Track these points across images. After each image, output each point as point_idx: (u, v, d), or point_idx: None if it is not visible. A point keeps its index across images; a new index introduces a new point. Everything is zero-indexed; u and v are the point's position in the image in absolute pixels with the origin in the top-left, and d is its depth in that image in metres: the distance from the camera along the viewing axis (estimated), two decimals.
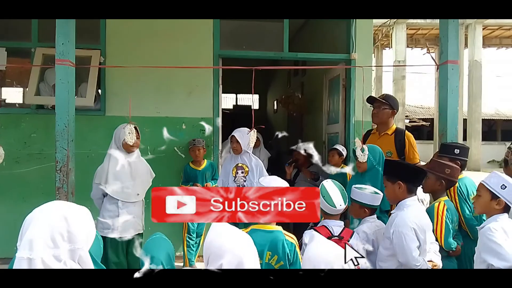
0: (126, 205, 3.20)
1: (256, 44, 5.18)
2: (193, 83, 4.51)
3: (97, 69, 4.26)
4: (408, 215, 2.28)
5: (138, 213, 3.29)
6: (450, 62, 3.05)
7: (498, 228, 2.07)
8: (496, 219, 2.14)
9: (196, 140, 4.28)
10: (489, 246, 2.04)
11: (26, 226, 1.34)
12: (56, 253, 1.31)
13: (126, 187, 3.17)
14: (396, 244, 2.25)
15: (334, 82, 5.21)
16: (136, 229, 3.28)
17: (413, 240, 2.23)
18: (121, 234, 3.16)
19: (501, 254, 1.99)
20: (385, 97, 3.71)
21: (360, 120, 4.59)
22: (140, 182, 3.27)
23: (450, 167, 2.70)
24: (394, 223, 2.28)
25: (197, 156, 4.27)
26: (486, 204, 2.18)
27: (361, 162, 3.03)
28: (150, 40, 4.39)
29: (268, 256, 2.12)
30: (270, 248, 2.13)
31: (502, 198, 2.13)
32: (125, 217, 3.18)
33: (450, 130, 3.06)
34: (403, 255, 2.23)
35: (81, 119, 3.84)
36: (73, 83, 2.94)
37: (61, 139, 2.85)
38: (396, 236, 2.24)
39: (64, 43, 2.85)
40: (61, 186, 2.85)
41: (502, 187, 2.14)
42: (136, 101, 4.18)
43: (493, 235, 2.04)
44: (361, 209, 2.61)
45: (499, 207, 2.15)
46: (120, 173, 3.16)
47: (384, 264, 2.33)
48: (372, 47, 5.04)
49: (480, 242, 2.14)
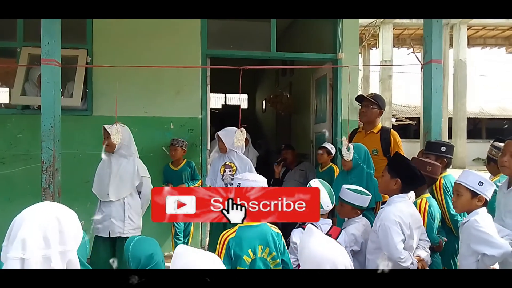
0: (103, 204, 3.24)
1: (244, 44, 5.20)
2: (181, 83, 4.50)
3: (84, 68, 4.22)
4: (394, 209, 2.35)
5: (115, 214, 3.20)
6: (434, 61, 3.11)
7: (482, 219, 2.14)
8: (478, 212, 2.20)
9: (174, 140, 4.27)
10: (480, 237, 2.10)
11: (16, 227, 1.33)
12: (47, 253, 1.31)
13: (101, 186, 3.23)
14: (381, 237, 2.32)
15: (321, 81, 5.26)
16: (115, 232, 3.20)
17: (397, 233, 2.29)
18: (100, 233, 3.19)
19: (493, 243, 2.06)
20: (374, 97, 3.75)
21: (347, 119, 4.64)
22: (116, 183, 3.21)
23: (431, 165, 2.76)
24: (380, 217, 2.36)
25: (173, 156, 4.26)
26: (468, 202, 2.24)
27: (347, 160, 3.08)
28: (137, 39, 4.37)
29: (260, 250, 2.15)
30: (261, 241, 2.16)
31: (482, 195, 2.20)
32: (102, 217, 3.20)
33: (434, 128, 3.12)
34: (387, 247, 2.29)
35: (68, 119, 3.81)
36: (59, 82, 2.92)
37: (47, 139, 2.83)
38: (381, 229, 2.32)
39: (49, 42, 2.83)
40: (47, 187, 2.83)
41: (480, 184, 2.21)
42: (123, 101, 4.16)
43: (481, 225, 2.11)
44: (353, 211, 2.66)
45: (481, 203, 2.22)
46: (100, 172, 3.25)
47: (371, 257, 2.42)
48: (358, 46, 5.10)
49: (466, 236, 2.19)
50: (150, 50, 4.40)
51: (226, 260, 2.09)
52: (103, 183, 3.21)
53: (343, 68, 4.61)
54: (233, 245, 2.11)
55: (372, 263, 2.40)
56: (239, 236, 2.13)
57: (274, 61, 6.65)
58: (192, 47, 4.50)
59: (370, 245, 2.45)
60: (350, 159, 3.04)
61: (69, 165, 3.77)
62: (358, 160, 3.06)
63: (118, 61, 4.12)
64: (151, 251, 1.86)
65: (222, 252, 2.11)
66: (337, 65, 4.70)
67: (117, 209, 3.23)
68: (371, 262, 2.41)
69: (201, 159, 4.55)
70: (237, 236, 2.13)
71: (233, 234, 2.15)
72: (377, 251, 2.38)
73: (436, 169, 2.74)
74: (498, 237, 2.10)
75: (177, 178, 4.28)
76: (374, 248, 2.41)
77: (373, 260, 2.40)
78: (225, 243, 2.12)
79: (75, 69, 4.18)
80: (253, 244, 2.13)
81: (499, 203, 2.55)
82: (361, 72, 15.90)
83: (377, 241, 2.38)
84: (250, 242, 2.13)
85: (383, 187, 2.52)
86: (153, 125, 4.45)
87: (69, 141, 4.07)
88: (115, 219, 3.20)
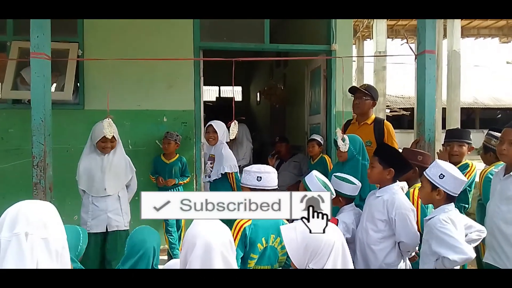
0: (96, 200, 3.17)
1: (237, 36, 5.15)
2: (174, 76, 4.47)
3: (75, 62, 4.17)
4: (405, 198, 2.40)
5: (111, 208, 3.19)
6: (427, 52, 3.10)
7: (448, 220, 2.06)
8: (444, 209, 2.13)
9: (169, 133, 4.23)
10: (442, 239, 2.02)
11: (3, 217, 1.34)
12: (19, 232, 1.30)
13: (94, 182, 3.15)
14: (400, 226, 2.32)
15: (315, 73, 5.24)
16: (112, 226, 3.19)
17: (414, 221, 2.34)
18: (93, 230, 3.12)
19: (456, 247, 1.98)
20: (367, 88, 3.74)
21: (341, 111, 4.63)
22: (111, 177, 3.20)
23: (422, 154, 2.77)
24: (395, 206, 2.34)
25: (166, 149, 4.22)
26: (428, 195, 2.19)
27: (342, 151, 3.07)
28: (129, 32, 4.32)
29: (272, 239, 2.22)
30: (273, 230, 2.22)
31: (441, 188, 2.13)
32: (96, 213, 3.15)
33: (427, 118, 3.12)
34: (409, 234, 2.32)
35: (59, 113, 3.78)
36: (49, 76, 2.89)
37: (38, 133, 2.80)
38: (400, 218, 2.32)
39: (39, 36, 2.79)
40: (38, 182, 2.80)
41: (441, 177, 2.12)
42: (116, 95, 4.13)
43: (445, 227, 2.03)
44: (336, 198, 2.66)
45: (440, 197, 2.14)
46: (90, 167, 3.16)
47: (378, 247, 2.38)
48: (352, 38, 5.08)
49: (429, 234, 2.13)
50: (143, 43, 4.36)
51: (240, 247, 2.14)
52: (95, 178, 3.16)
53: (337, 59, 4.59)
54: (249, 232, 2.16)
55: (381, 253, 2.38)
56: (255, 224, 2.18)
57: (267, 53, 6.60)
58: (185, 40, 4.46)
59: (374, 235, 2.39)
60: (346, 150, 3.03)
61: (61, 159, 3.75)
62: (353, 151, 3.05)
63: (110, 54, 4.07)
64: (145, 237, 1.92)
65: (237, 238, 2.14)
66: (331, 56, 4.68)
67: (113, 203, 3.21)
68: (381, 252, 2.38)
69: (194, 152, 4.53)
70: (253, 223, 2.18)
71: (249, 221, 2.18)
72: (383, 240, 2.38)
73: (427, 159, 2.75)
74: (462, 241, 2.02)
75: (167, 171, 4.24)
76: (380, 237, 2.38)
77: (382, 250, 2.38)
78: (240, 230, 2.16)
79: (66, 63, 4.13)
80: (267, 233, 2.20)
81: (494, 189, 2.56)
82: (355, 63, 15.90)
83: (384, 230, 2.38)
84: (264, 231, 2.20)
85: (376, 178, 2.50)
86: (146, 119, 4.42)
87: (61, 136, 4.04)
88: (112, 213, 3.19)
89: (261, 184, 2.24)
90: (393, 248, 2.40)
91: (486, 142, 3.32)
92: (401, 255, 2.43)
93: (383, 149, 2.63)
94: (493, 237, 2.46)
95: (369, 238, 2.42)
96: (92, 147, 3.20)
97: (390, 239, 2.39)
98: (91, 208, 3.16)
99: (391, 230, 2.38)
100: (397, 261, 2.41)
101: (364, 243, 2.44)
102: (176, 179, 4.23)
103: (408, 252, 2.42)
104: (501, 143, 2.44)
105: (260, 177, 2.24)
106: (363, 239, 2.45)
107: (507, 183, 2.43)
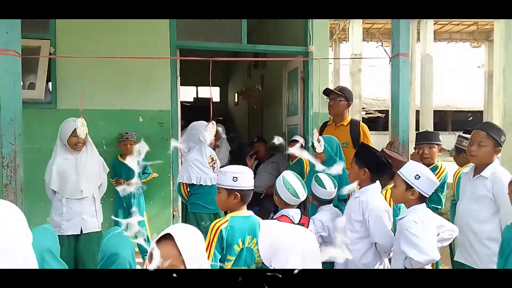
0: (71, 202, 3.08)
1: (215, 36, 5.13)
2: (149, 75, 4.39)
3: (47, 60, 4.05)
4: (380, 200, 2.42)
5: (86, 210, 3.13)
6: (401, 54, 3.16)
7: (417, 220, 2.10)
8: (415, 209, 2.17)
9: (128, 133, 4.16)
10: (409, 239, 2.06)
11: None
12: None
13: (69, 183, 3.06)
14: (374, 227, 2.34)
15: (292, 74, 5.27)
16: (87, 228, 3.12)
17: (388, 222, 2.35)
18: (66, 232, 3.04)
19: (421, 248, 2.03)
20: (341, 89, 3.81)
21: (318, 112, 4.67)
22: (85, 178, 3.12)
23: (392, 159, 2.79)
24: (369, 208, 2.36)
25: (128, 150, 4.13)
26: (402, 194, 2.22)
27: (318, 152, 3.10)
28: (104, 30, 4.22)
29: (249, 240, 2.21)
30: (249, 232, 2.22)
31: (416, 189, 2.16)
32: (70, 215, 3.07)
33: (402, 120, 3.17)
34: (383, 236, 2.33)
35: (31, 112, 3.66)
36: (19, 74, 2.78)
37: (7, 133, 2.69)
38: (374, 219, 2.34)
39: (8, 31, 2.68)
40: (9, 183, 2.70)
41: (416, 177, 2.16)
42: (89, 94, 4.03)
43: (413, 227, 2.07)
44: (312, 199, 2.75)
45: (414, 197, 2.18)
46: (63, 169, 3.06)
47: (354, 247, 2.40)
48: (328, 40, 5.13)
49: (399, 233, 2.17)
50: (117, 41, 4.27)
51: (217, 249, 2.14)
52: (70, 180, 3.07)
53: (313, 61, 4.63)
54: (225, 234, 2.15)
55: (357, 253, 2.40)
56: (231, 226, 2.17)
57: (245, 54, 6.61)
58: (160, 39, 4.39)
59: (351, 235, 2.42)
60: (322, 151, 3.06)
61: (32, 160, 3.63)
62: (330, 152, 3.09)
63: (83, 52, 3.97)
64: (118, 251, 1.82)
65: (214, 240, 2.14)
66: (308, 58, 4.71)
67: (89, 204, 3.15)
68: (357, 253, 2.41)
69: (171, 153, 4.47)
70: (229, 225, 2.17)
71: (226, 223, 2.17)
72: (359, 240, 2.41)
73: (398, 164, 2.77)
74: (428, 242, 2.06)
75: (127, 172, 4.14)
76: (357, 237, 2.41)
77: (358, 250, 2.41)
78: (217, 232, 2.15)
79: (37, 61, 4.00)
80: (243, 234, 2.19)
81: (464, 190, 2.63)
82: (331, 65, 16.09)
83: (360, 230, 2.40)
84: (241, 232, 2.19)
85: (352, 178, 2.54)
86: (121, 119, 4.33)
87: (32, 136, 3.91)
88: (87, 216, 3.12)
89: (237, 184, 2.22)
90: (369, 249, 2.42)
91: (458, 144, 3.41)
92: (379, 256, 2.46)
93: (360, 150, 2.66)
94: (464, 236, 2.53)
95: (348, 238, 2.44)
96: (63, 146, 3.11)
97: (366, 240, 2.42)
98: (64, 210, 3.06)
99: (366, 231, 2.41)
100: (374, 261, 2.43)
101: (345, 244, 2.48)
102: (139, 178, 4.15)
103: (386, 253, 2.45)
104: (471, 144, 2.52)
105: (236, 177, 2.23)
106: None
107: (477, 183, 2.50)
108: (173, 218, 4.50)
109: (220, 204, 2.31)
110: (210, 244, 2.12)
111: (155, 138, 4.40)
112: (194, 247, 1.44)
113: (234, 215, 2.23)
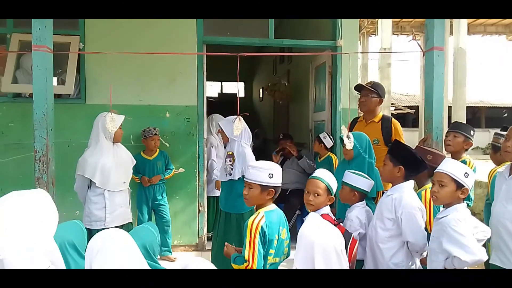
0: (112, 194, 3.14)
1: (241, 31, 5.09)
2: (176, 70, 4.40)
3: (77, 56, 4.12)
4: (413, 197, 2.37)
5: (124, 202, 3.25)
6: (435, 48, 3.04)
7: (462, 219, 2.04)
8: (457, 208, 2.11)
9: (155, 129, 4.19)
10: (455, 238, 2.00)
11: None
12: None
13: (112, 176, 3.12)
14: (406, 225, 2.30)
15: (320, 69, 5.17)
16: (124, 219, 3.24)
17: (422, 220, 2.31)
18: (109, 225, 3.07)
19: (468, 247, 1.97)
20: (373, 85, 3.68)
21: (346, 108, 4.57)
22: (124, 170, 3.25)
23: (432, 153, 2.70)
24: (402, 204, 2.32)
25: (156, 145, 4.18)
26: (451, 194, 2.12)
27: (348, 149, 3.02)
28: (131, 26, 4.25)
29: (283, 232, 2.25)
30: (281, 223, 2.25)
31: (467, 187, 2.11)
32: (113, 207, 3.13)
33: (435, 116, 3.07)
34: (415, 234, 2.30)
35: (60, 107, 3.73)
36: (51, 69, 2.84)
37: (40, 128, 2.75)
38: (406, 217, 2.30)
39: (40, 28, 2.74)
40: (41, 176, 2.76)
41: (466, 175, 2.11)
42: (117, 89, 4.07)
43: (458, 226, 2.01)
44: (351, 193, 2.67)
45: (464, 196, 2.11)
46: (107, 163, 3.11)
47: (385, 246, 2.37)
48: (358, 33, 5.00)
49: (440, 232, 2.10)
50: (145, 36, 4.29)
51: (260, 245, 2.14)
52: (111, 173, 3.12)
53: (342, 55, 4.52)
54: (266, 229, 2.15)
55: (388, 252, 2.37)
56: (269, 221, 2.18)
57: (271, 48, 6.54)
58: (188, 34, 4.40)
59: (382, 233, 2.38)
60: (351, 148, 2.98)
61: (62, 154, 3.71)
62: (359, 149, 3.00)
63: (112, 48, 4.01)
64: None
65: (255, 237, 2.12)
66: (337, 52, 4.61)
67: (126, 195, 3.29)
68: (388, 251, 2.37)
69: (197, 148, 4.48)
70: (267, 220, 2.17)
71: (263, 219, 2.16)
72: (391, 239, 2.37)
73: (437, 158, 2.67)
74: (474, 242, 2.00)
75: (151, 168, 4.18)
76: (388, 236, 2.37)
77: (388, 249, 2.37)
78: (257, 229, 2.14)
79: (67, 57, 4.07)
80: (278, 227, 2.22)
81: (499, 189, 2.50)
82: (360, 60, 15.78)
83: (392, 229, 2.36)
84: (277, 225, 2.22)
85: (386, 176, 2.49)
86: (148, 114, 4.37)
87: (62, 130, 3.99)
88: (125, 207, 3.26)
89: (272, 181, 2.22)
90: (400, 248, 2.37)
91: (494, 141, 3.27)
92: (411, 256, 2.40)
93: (395, 146, 2.59)
94: (500, 238, 2.40)
95: (377, 236, 2.41)
96: (104, 140, 3.13)
97: (397, 239, 2.37)
98: (108, 204, 3.11)
99: (398, 229, 2.35)
100: (405, 261, 2.38)
101: (373, 241, 2.44)
102: (161, 174, 4.20)
103: (418, 253, 2.38)
104: (506, 140, 2.41)
105: (272, 174, 2.23)
106: (372, 237, 2.45)
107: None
108: (199, 213, 4.51)
109: (251, 199, 2.27)
110: (253, 242, 2.11)
111: (181, 133, 4.43)
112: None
113: (267, 209, 2.23)
